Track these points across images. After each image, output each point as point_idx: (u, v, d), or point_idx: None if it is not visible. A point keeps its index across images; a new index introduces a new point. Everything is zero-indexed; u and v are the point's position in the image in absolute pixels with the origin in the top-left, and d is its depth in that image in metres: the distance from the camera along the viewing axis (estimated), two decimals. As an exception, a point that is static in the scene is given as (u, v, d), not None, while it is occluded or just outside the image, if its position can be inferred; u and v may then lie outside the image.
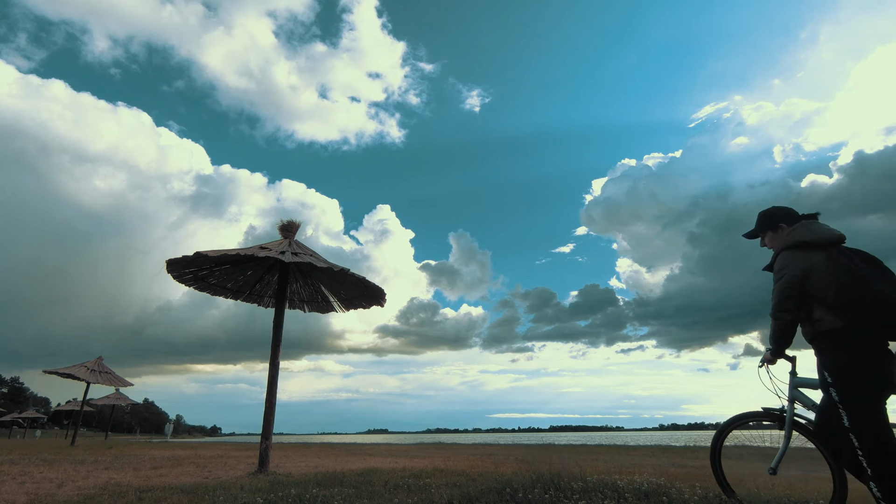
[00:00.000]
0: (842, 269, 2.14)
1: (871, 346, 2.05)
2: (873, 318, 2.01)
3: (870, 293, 2.04)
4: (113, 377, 17.38)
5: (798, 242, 2.30)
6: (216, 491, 4.05)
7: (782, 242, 2.41)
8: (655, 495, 3.44)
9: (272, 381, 6.01)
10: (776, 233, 2.53)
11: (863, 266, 2.14)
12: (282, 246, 6.21)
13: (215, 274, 6.95)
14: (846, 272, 2.12)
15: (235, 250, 5.72)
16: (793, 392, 2.73)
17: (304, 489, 3.94)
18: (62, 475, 5.63)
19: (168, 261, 5.91)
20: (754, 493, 3.59)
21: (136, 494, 3.94)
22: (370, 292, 7.14)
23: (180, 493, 3.98)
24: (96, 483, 4.88)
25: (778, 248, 2.45)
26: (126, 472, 6.00)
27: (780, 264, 2.34)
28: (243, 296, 7.53)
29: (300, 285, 7.62)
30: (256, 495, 3.68)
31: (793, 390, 2.73)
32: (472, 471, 5.64)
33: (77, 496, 3.98)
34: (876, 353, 2.04)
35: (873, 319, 2.01)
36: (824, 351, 2.18)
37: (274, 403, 6.00)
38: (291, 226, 6.76)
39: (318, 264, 5.76)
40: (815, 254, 2.24)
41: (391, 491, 3.80)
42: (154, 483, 4.81)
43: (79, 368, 16.19)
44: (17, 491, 4.33)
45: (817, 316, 2.18)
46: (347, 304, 7.79)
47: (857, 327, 2.05)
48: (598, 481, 3.86)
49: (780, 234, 2.50)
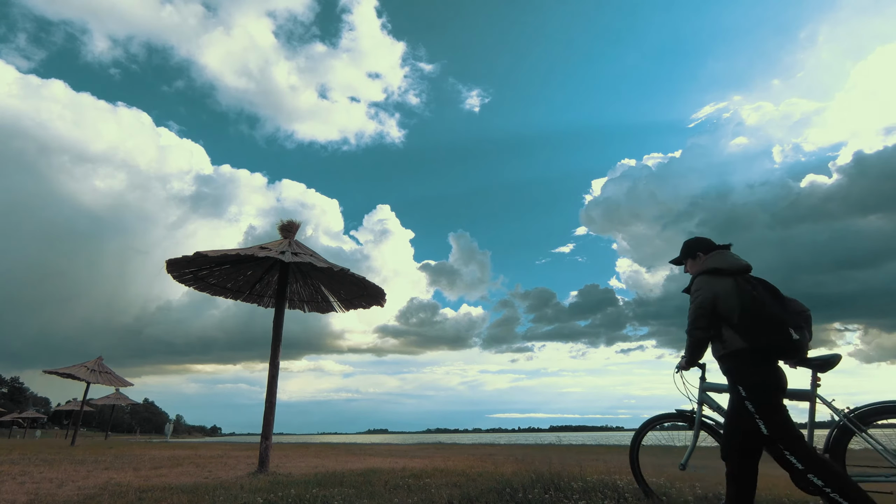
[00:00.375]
0: (746, 295, 2.43)
1: (768, 363, 2.38)
2: (768, 339, 2.33)
3: (766, 317, 2.35)
4: (113, 377, 17.38)
5: (711, 269, 2.61)
6: (216, 491, 4.05)
7: (699, 268, 2.74)
8: (655, 495, 3.44)
9: (272, 381, 6.01)
10: (695, 260, 2.87)
11: (763, 293, 2.45)
12: (282, 246, 6.21)
13: (215, 274, 6.95)
14: (749, 298, 2.42)
15: (235, 250, 5.72)
16: (702, 396, 3.11)
17: (304, 489, 3.95)
18: (62, 475, 5.63)
19: (168, 261, 5.91)
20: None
21: (136, 494, 3.94)
22: (370, 292, 7.14)
23: (180, 493, 3.99)
24: (96, 483, 4.88)
25: (695, 273, 2.77)
26: (126, 472, 6.00)
27: (695, 287, 2.63)
28: (243, 296, 7.53)
29: (300, 285, 7.62)
30: (256, 495, 3.68)
31: (702, 394, 3.11)
32: (472, 471, 5.64)
33: (77, 496, 3.98)
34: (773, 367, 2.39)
35: (768, 340, 2.33)
36: (733, 369, 2.48)
37: (274, 403, 6.00)
38: (291, 226, 6.76)
39: (318, 264, 5.76)
40: (726, 280, 2.54)
41: (391, 491, 3.80)
42: (154, 483, 4.81)
43: (79, 368, 16.19)
44: (17, 491, 4.33)
45: (725, 336, 2.49)
46: (347, 304, 7.79)
47: (757, 347, 2.36)
48: (598, 481, 3.86)
49: (697, 261, 2.84)
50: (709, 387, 3.09)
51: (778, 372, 2.41)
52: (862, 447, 2.57)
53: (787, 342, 2.30)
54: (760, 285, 2.52)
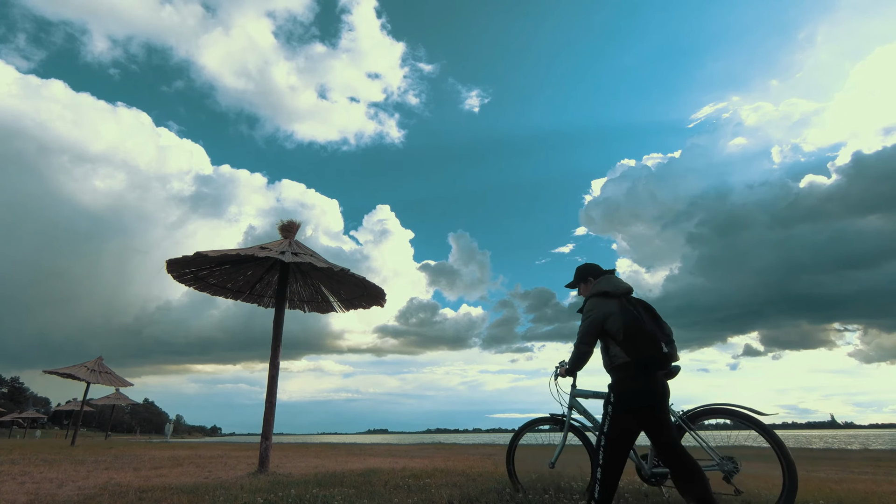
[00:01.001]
0: (629, 314, 2.84)
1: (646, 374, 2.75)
2: (646, 352, 2.72)
3: (644, 334, 2.75)
4: (113, 377, 17.37)
5: (601, 292, 3.01)
6: (216, 491, 4.05)
7: (590, 291, 3.12)
8: (655, 495, 3.44)
9: (272, 381, 6.01)
10: (586, 284, 3.28)
11: (642, 312, 2.88)
12: (282, 246, 6.21)
13: (215, 274, 6.95)
14: (631, 317, 2.82)
15: (235, 250, 5.72)
16: (572, 401, 3.50)
17: (304, 489, 3.95)
18: (62, 475, 5.63)
19: (168, 261, 5.91)
20: (754, 493, 3.59)
21: (136, 494, 3.94)
22: (370, 292, 7.14)
23: (180, 493, 3.99)
24: (96, 483, 4.88)
25: (587, 295, 3.15)
26: (126, 472, 6.01)
27: (588, 308, 3.02)
28: (243, 296, 7.53)
29: (300, 285, 7.62)
30: (256, 495, 3.69)
31: (572, 399, 3.50)
32: (471, 471, 5.64)
33: (77, 496, 3.98)
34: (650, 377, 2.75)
35: (646, 354, 2.72)
36: (618, 380, 2.85)
37: (274, 403, 6.00)
38: (292, 226, 6.76)
39: (318, 264, 5.76)
40: (613, 301, 2.94)
41: (391, 491, 3.81)
42: (154, 483, 4.81)
43: (79, 368, 16.19)
44: (17, 491, 4.34)
45: (613, 352, 2.87)
46: (347, 304, 7.79)
47: (638, 361, 2.74)
48: (598, 481, 3.86)
49: (588, 285, 3.25)
50: (579, 393, 3.49)
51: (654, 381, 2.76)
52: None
53: (660, 354, 2.72)
54: (640, 306, 2.96)
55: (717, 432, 3.06)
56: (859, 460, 10.37)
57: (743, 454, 2.91)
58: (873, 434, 71.52)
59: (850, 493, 3.76)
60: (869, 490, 4.03)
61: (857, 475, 6.22)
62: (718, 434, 3.04)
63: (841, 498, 3.56)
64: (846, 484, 4.61)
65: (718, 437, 3.01)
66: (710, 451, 2.91)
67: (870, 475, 6.25)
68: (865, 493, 3.84)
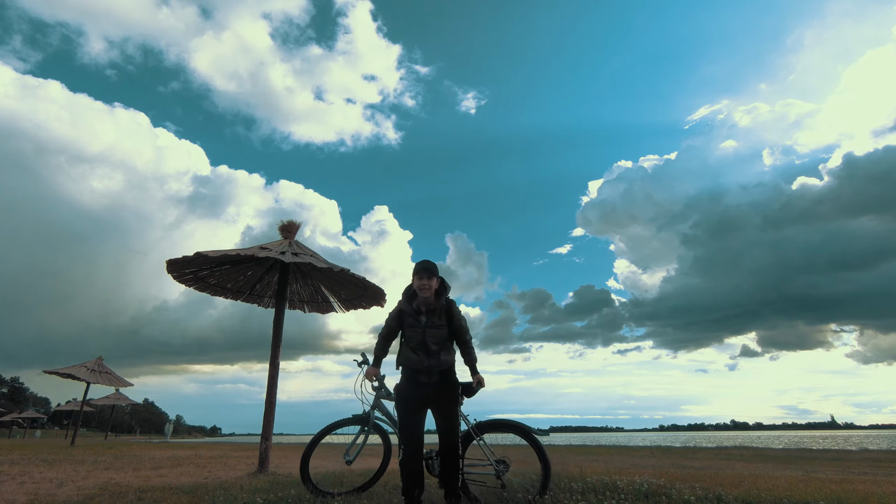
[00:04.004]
0: None
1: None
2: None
3: None
4: (113, 377, 17.36)
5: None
6: (216, 491, 4.05)
7: (447, 294, 3.39)
8: (655, 496, 3.44)
9: (272, 381, 6.00)
10: (439, 280, 3.43)
11: None
12: (282, 246, 6.21)
13: (215, 274, 6.95)
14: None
15: (236, 250, 5.72)
16: (376, 402, 3.75)
17: (303, 489, 3.94)
18: (62, 475, 5.63)
19: (168, 261, 5.91)
20: (754, 494, 3.59)
21: (136, 494, 3.94)
22: (370, 293, 7.14)
23: (180, 493, 3.99)
24: (96, 483, 4.88)
25: (450, 297, 3.39)
26: (126, 473, 6.00)
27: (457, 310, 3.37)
28: (243, 296, 7.53)
29: (300, 285, 7.61)
30: (256, 495, 3.68)
31: (376, 400, 3.75)
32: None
33: (77, 496, 3.98)
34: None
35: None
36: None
37: (274, 403, 5.99)
38: (292, 226, 6.76)
39: (318, 264, 5.76)
40: None
41: (391, 491, 3.80)
42: (154, 483, 4.81)
43: (79, 368, 16.18)
44: (17, 491, 4.33)
45: (452, 351, 3.31)
46: (348, 304, 7.78)
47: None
48: (598, 482, 3.86)
49: (440, 282, 3.43)
50: (382, 394, 3.75)
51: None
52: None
53: None
54: None
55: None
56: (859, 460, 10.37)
57: (513, 454, 3.50)
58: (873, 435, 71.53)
59: (849, 494, 3.76)
60: (869, 490, 4.03)
61: (856, 475, 6.22)
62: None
63: (841, 498, 3.56)
64: (846, 484, 4.61)
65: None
66: (489, 455, 3.44)
67: (869, 475, 6.25)
68: (865, 493, 3.84)
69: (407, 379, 3.21)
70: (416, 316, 3.23)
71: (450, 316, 3.26)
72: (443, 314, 3.23)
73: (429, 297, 3.20)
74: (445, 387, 3.18)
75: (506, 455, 3.45)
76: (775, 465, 8.49)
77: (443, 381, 3.18)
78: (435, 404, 3.17)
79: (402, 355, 3.26)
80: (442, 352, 3.18)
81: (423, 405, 3.16)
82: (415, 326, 3.20)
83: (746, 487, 4.00)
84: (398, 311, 3.34)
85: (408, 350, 3.20)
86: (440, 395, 3.16)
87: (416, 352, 3.16)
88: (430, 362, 3.13)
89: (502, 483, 3.39)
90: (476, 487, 3.50)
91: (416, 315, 3.24)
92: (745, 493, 3.60)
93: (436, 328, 3.18)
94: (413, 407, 3.14)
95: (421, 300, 3.24)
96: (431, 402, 3.17)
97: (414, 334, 3.18)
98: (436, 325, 3.18)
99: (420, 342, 3.15)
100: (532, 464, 3.47)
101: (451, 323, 3.25)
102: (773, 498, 3.46)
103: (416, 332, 3.18)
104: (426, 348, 3.14)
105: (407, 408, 3.14)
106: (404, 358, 3.23)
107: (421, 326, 3.18)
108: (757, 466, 8.11)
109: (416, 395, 3.14)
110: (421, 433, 3.17)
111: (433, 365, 3.13)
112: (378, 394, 3.73)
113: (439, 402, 3.16)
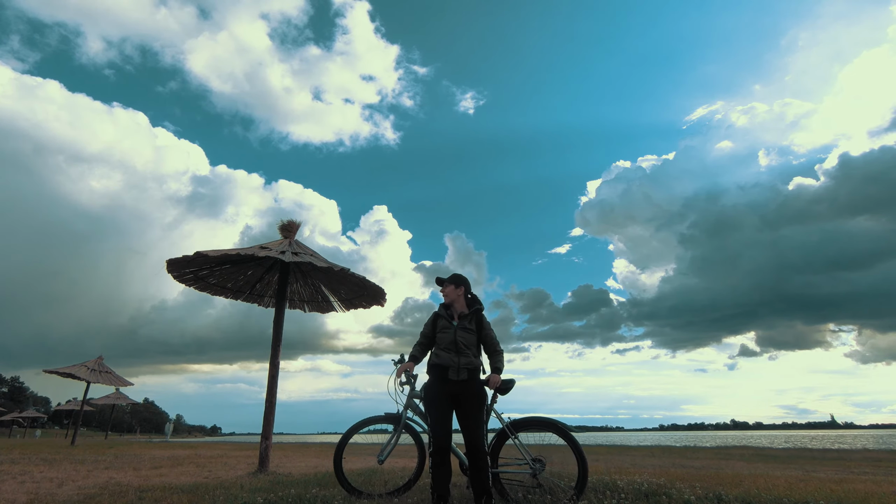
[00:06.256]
0: None
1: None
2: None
3: None
4: (113, 377, 17.37)
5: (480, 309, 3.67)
6: (216, 491, 4.05)
7: (475, 305, 3.62)
8: (655, 495, 3.44)
9: (272, 381, 6.00)
10: (458, 288, 3.62)
11: None
12: (282, 246, 6.21)
13: (215, 274, 6.95)
14: None
15: (236, 250, 5.72)
16: (409, 401, 3.73)
17: (304, 489, 3.94)
18: (62, 475, 5.63)
19: (168, 260, 5.91)
20: (754, 493, 3.59)
21: (136, 494, 3.94)
22: (370, 292, 7.14)
23: (180, 492, 3.99)
24: (96, 483, 4.88)
25: (478, 307, 3.61)
26: (126, 472, 6.00)
27: (487, 321, 3.63)
28: (243, 296, 7.53)
29: (300, 285, 7.61)
30: (256, 495, 3.68)
31: (409, 399, 3.73)
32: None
33: (77, 496, 3.98)
34: None
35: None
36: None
37: (274, 403, 5.99)
38: (292, 226, 6.76)
39: (318, 264, 5.76)
40: None
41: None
42: (154, 483, 4.81)
43: (79, 368, 16.18)
44: (17, 490, 4.33)
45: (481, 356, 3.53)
46: (347, 303, 7.78)
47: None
48: (598, 481, 3.87)
49: (460, 290, 3.62)
50: (416, 394, 3.73)
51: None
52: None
53: None
54: None
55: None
56: (859, 460, 10.36)
57: (550, 453, 3.49)
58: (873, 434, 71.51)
59: (849, 493, 3.76)
60: (869, 490, 4.03)
61: (856, 475, 6.22)
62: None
63: (841, 498, 3.56)
64: (846, 484, 4.61)
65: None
66: (525, 455, 3.43)
67: (869, 475, 6.25)
68: (865, 493, 3.84)
69: (436, 376, 3.37)
70: (449, 319, 3.50)
71: (479, 323, 3.53)
72: (473, 320, 3.51)
73: (458, 304, 3.55)
74: (472, 386, 3.30)
75: (541, 454, 3.44)
76: (775, 465, 8.49)
77: (470, 379, 3.31)
78: (461, 403, 3.26)
79: (433, 355, 3.45)
80: (471, 352, 3.38)
81: (450, 402, 3.27)
82: (447, 329, 3.43)
83: (746, 487, 4.00)
84: (434, 316, 3.61)
85: (439, 350, 3.41)
86: (467, 394, 3.27)
87: (447, 350, 3.35)
88: (461, 360, 3.30)
89: (539, 483, 3.39)
90: (512, 487, 3.50)
91: (450, 319, 3.51)
92: (745, 493, 3.60)
93: (466, 331, 3.42)
94: (441, 402, 3.25)
95: (454, 308, 3.56)
96: (458, 400, 3.27)
97: (446, 335, 3.40)
98: (466, 328, 3.44)
99: (451, 341, 3.36)
100: (567, 464, 3.45)
101: (480, 330, 3.51)
102: (773, 498, 3.46)
103: (447, 333, 3.41)
104: (456, 346, 3.34)
105: (434, 403, 3.26)
106: (434, 356, 3.42)
107: (453, 328, 3.42)
108: (757, 466, 8.11)
109: (444, 391, 3.27)
110: (449, 429, 3.25)
111: (463, 363, 3.30)
112: (411, 392, 3.73)
113: (465, 400, 3.26)
